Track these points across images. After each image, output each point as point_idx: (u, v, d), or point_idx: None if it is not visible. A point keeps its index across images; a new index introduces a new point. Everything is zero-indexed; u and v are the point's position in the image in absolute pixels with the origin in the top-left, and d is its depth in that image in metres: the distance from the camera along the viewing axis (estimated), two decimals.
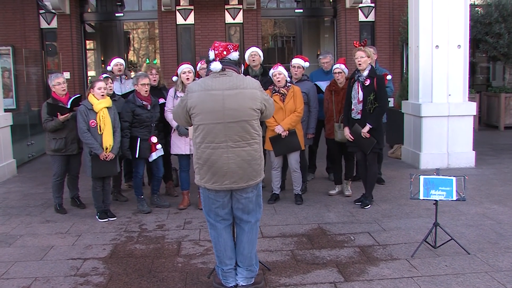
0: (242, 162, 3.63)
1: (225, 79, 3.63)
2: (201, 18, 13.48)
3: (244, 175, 3.64)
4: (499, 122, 12.41)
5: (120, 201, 6.56)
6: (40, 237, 5.25)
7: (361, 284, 3.96)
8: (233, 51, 3.75)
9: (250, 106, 3.62)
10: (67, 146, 5.92)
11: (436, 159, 7.95)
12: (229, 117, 3.57)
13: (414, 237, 4.95)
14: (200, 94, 3.62)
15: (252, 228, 3.85)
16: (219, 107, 3.57)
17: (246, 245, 3.82)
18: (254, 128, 3.67)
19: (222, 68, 3.66)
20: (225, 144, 3.59)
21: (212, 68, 3.65)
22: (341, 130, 6.21)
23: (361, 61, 5.74)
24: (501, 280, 3.95)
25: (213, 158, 3.61)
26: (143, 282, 4.08)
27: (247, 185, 3.68)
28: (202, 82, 3.68)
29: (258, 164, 3.73)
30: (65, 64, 13.48)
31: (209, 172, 3.65)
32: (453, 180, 4.46)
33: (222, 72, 3.66)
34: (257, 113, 3.68)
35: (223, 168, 3.61)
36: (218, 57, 3.69)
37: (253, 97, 3.65)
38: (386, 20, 13.77)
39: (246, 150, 3.64)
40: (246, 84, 3.66)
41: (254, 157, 3.68)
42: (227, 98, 3.58)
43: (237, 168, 3.62)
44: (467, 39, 8.11)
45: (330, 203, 6.26)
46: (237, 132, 3.60)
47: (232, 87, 3.61)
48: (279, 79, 5.95)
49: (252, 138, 3.66)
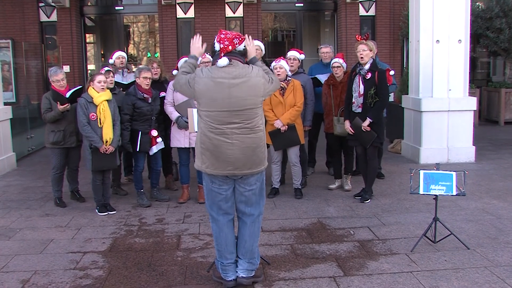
0: (247, 149, 3.64)
1: (231, 69, 3.67)
2: (201, 12, 13.44)
3: (247, 161, 3.66)
4: (499, 117, 12.40)
5: (119, 194, 6.56)
6: (40, 230, 5.26)
7: (360, 278, 3.97)
8: (239, 45, 3.76)
9: (255, 94, 3.66)
10: (65, 139, 5.91)
11: (436, 154, 7.95)
12: (235, 105, 3.60)
13: (414, 232, 4.95)
14: (207, 82, 3.64)
15: (255, 222, 3.85)
16: (224, 95, 3.60)
17: (248, 238, 3.83)
18: (259, 115, 3.71)
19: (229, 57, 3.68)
20: (230, 130, 3.61)
21: (219, 64, 3.65)
22: (340, 123, 6.21)
23: (363, 55, 5.73)
24: (500, 275, 3.96)
25: (217, 143, 3.62)
26: (142, 276, 4.09)
27: (251, 172, 3.69)
28: (209, 70, 3.71)
29: (262, 152, 3.75)
30: (65, 57, 13.46)
31: (212, 158, 3.66)
32: (453, 175, 4.46)
33: (228, 62, 3.69)
34: (262, 98, 3.74)
35: (227, 154, 3.62)
36: (223, 52, 3.70)
37: (258, 84, 3.69)
38: (386, 14, 13.74)
39: (251, 137, 3.66)
40: (251, 73, 3.70)
41: (258, 145, 3.71)
42: (233, 87, 3.61)
43: (241, 155, 3.63)
44: (467, 34, 8.08)
45: (330, 197, 6.27)
46: (242, 119, 3.63)
47: (238, 76, 3.64)
48: (280, 72, 5.94)
49: (257, 125, 3.69)
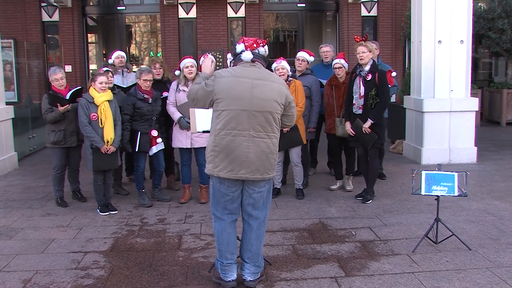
0: (261, 153, 3.62)
1: (255, 69, 3.67)
2: (203, 12, 13.44)
3: (261, 167, 3.63)
4: (501, 118, 12.38)
5: (121, 194, 6.56)
6: (41, 230, 5.26)
7: (362, 279, 3.96)
8: (261, 47, 3.77)
9: (275, 99, 3.64)
10: (66, 139, 5.92)
11: (438, 155, 7.94)
12: (255, 105, 3.58)
13: (415, 233, 4.95)
14: (229, 80, 3.62)
15: (261, 225, 3.83)
16: (246, 95, 3.57)
17: (254, 242, 3.81)
18: (276, 121, 3.69)
19: (252, 59, 3.68)
20: (247, 132, 3.58)
21: (243, 57, 3.67)
22: (342, 125, 6.20)
23: (363, 56, 5.72)
24: (502, 276, 3.95)
25: (233, 145, 3.59)
26: (143, 276, 4.09)
27: (262, 177, 3.66)
28: (232, 69, 3.70)
29: (274, 159, 3.73)
30: (67, 57, 13.48)
31: (225, 160, 3.61)
32: (454, 175, 4.45)
33: (252, 63, 3.69)
34: (281, 108, 3.70)
35: (242, 157, 3.58)
36: (249, 48, 3.70)
37: (280, 91, 3.67)
38: (388, 15, 13.73)
39: (266, 142, 3.64)
40: (274, 79, 3.72)
41: (272, 151, 3.68)
42: (256, 87, 3.59)
43: (255, 159, 3.60)
44: (469, 35, 8.07)
45: (331, 198, 6.26)
46: (260, 122, 3.60)
47: (262, 78, 3.63)
48: (282, 73, 5.93)
49: (273, 131, 3.67)
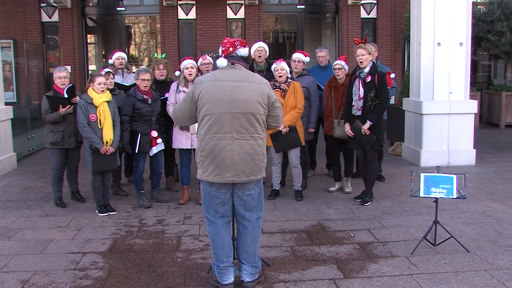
0: (246, 155, 3.62)
1: (235, 71, 3.68)
2: (202, 13, 13.45)
3: (246, 168, 3.63)
4: (500, 121, 12.40)
5: (120, 195, 6.56)
6: (40, 230, 5.26)
7: (360, 281, 3.96)
8: (241, 47, 3.79)
9: (257, 100, 3.63)
10: (64, 140, 5.91)
11: (437, 157, 7.95)
12: (236, 107, 3.58)
13: (414, 235, 4.95)
14: (209, 85, 3.64)
15: (255, 226, 3.83)
16: (226, 97, 3.58)
17: (250, 243, 3.81)
18: (260, 122, 3.67)
19: (229, 63, 3.72)
20: (230, 135, 3.59)
21: (218, 64, 3.72)
22: (341, 126, 6.20)
23: (362, 59, 5.73)
24: (500, 278, 3.95)
25: (217, 149, 3.60)
26: (142, 277, 4.09)
27: (249, 179, 3.67)
28: (212, 74, 3.73)
29: (261, 160, 3.72)
30: (66, 58, 13.47)
31: (212, 164, 3.63)
32: (453, 178, 4.46)
33: (231, 65, 3.72)
34: (264, 108, 3.68)
35: (226, 160, 3.59)
36: (224, 54, 3.76)
37: (261, 91, 3.66)
38: (388, 17, 13.76)
39: (250, 143, 3.63)
40: (255, 79, 3.70)
41: (257, 152, 3.67)
42: (236, 89, 3.60)
43: (240, 161, 3.60)
44: (469, 37, 8.08)
45: (330, 199, 6.26)
46: (242, 124, 3.60)
47: (241, 79, 3.64)
48: (281, 74, 5.95)
49: (257, 132, 3.66)
